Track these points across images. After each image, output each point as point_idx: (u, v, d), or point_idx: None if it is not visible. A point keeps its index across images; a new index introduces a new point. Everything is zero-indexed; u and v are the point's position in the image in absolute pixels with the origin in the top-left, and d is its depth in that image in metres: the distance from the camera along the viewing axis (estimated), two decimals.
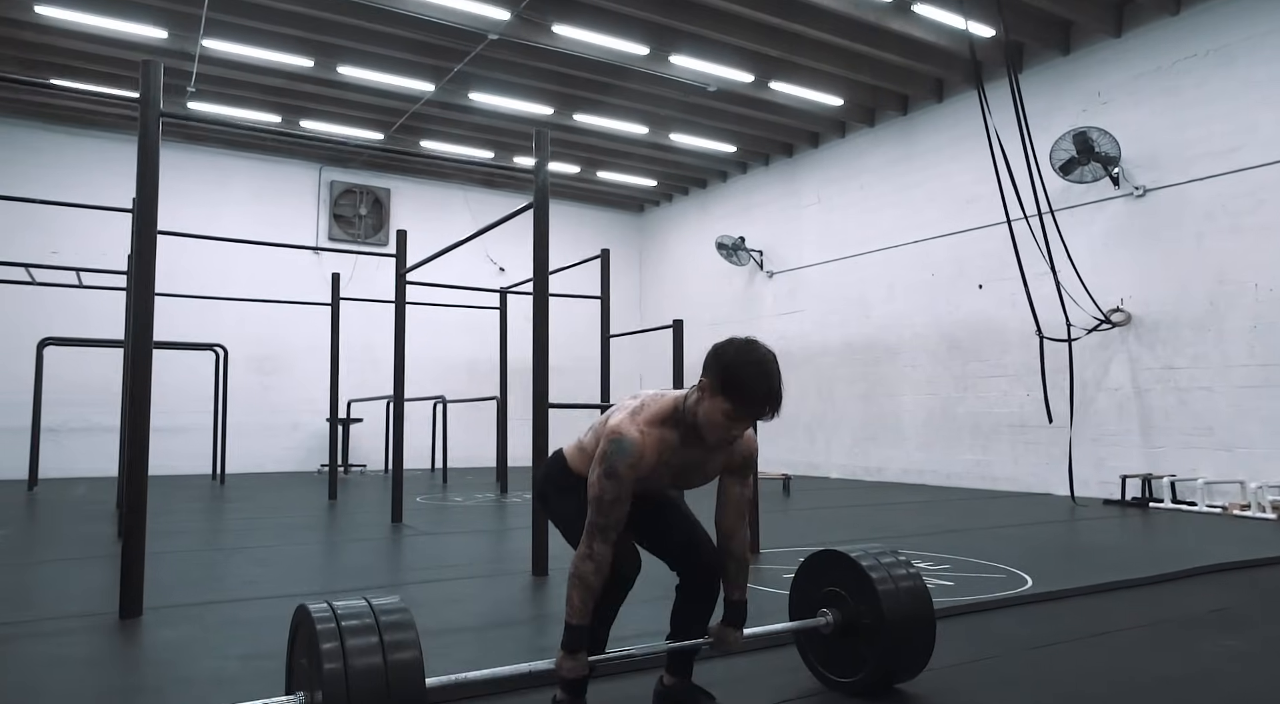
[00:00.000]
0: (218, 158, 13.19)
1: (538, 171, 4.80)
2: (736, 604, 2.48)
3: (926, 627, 2.64)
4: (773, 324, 13.71)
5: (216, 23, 8.97)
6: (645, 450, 2.23)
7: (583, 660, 2.25)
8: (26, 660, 3.03)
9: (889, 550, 2.80)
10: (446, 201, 14.87)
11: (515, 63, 10.10)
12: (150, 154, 3.78)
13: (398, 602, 2.05)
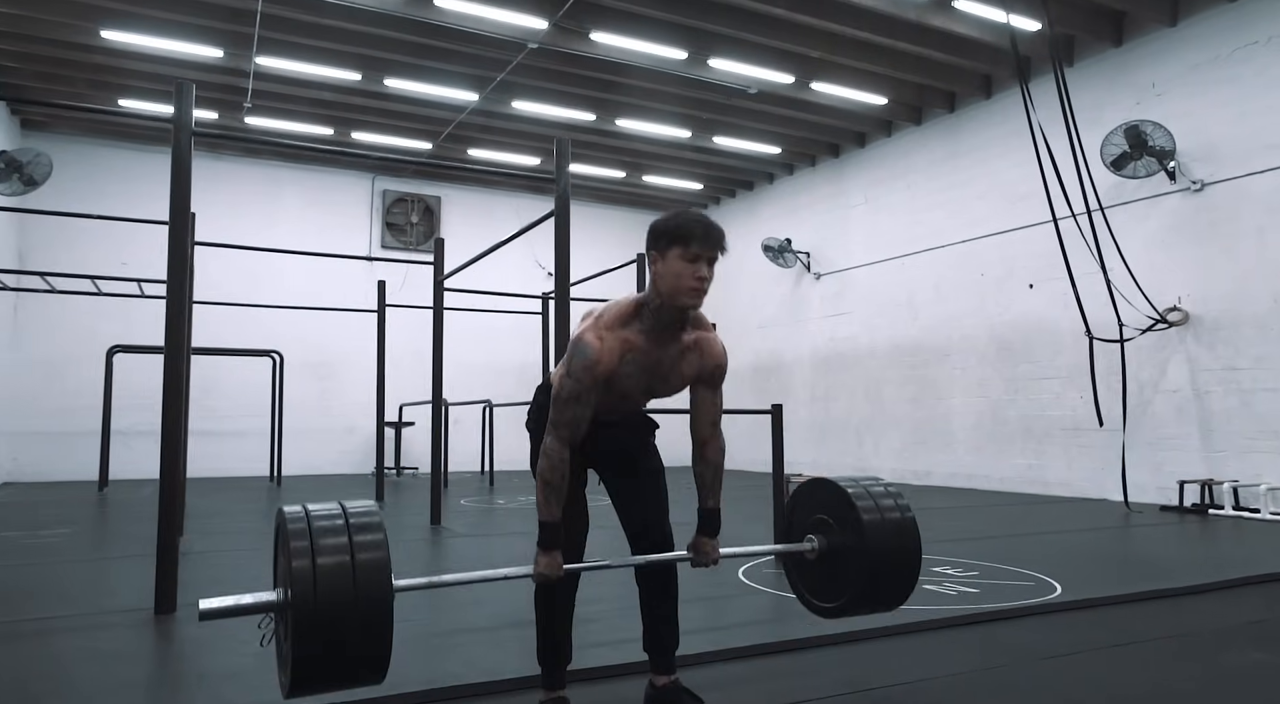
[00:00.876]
0: (275, 170, 13.65)
1: (559, 179, 4.87)
2: (711, 512, 2.54)
3: (909, 557, 2.66)
4: (820, 326, 13.58)
5: (269, 41, 9.29)
6: (603, 353, 2.31)
7: (556, 560, 2.33)
8: (60, 653, 3.21)
9: (879, 481, 2.82)
10: (494, 208, 15.11)
11: (555, 70, 10.24)
12: (182, 170, 3.96)
13: (370, 505, 2.14)
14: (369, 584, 1.96)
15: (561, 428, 2.30)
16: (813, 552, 2.72)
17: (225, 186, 13.11)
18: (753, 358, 15.05)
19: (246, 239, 11.36)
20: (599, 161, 13.79)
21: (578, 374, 2.29)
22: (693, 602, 4.08)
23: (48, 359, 11.87)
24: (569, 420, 2.30)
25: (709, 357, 2.46)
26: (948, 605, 3.94)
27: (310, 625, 1.90)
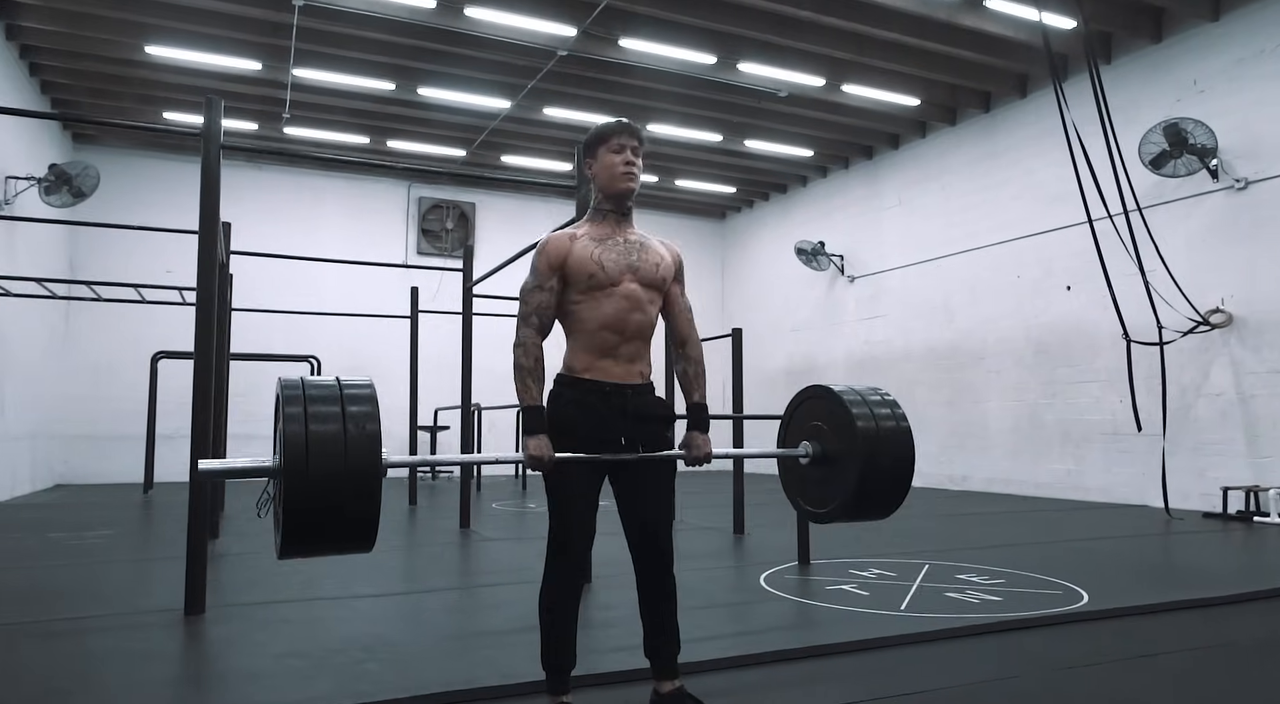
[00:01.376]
0: (314, 179, 13.91)
1: (579, 186, 4.90)
2: (698, 406, 2.62)
3: (901, 466, 2.64)
4: (854, 329, 13.47)
5: (305, 53, 9.49)
6: (550, 240, 2.53)
7: (543, 442, 2.38)
8: (90, 651, 3.32)
9: (876, 390, 2.79)
10: (529, 213, 15.23)
11: (586, 77, 10.30)
12: (212, 180, 4.07)
13: (365, 380, 2.18)
14: (360, 452, 2.01)
15: (530, 317, 2.47)
16: (807, 457, 2.73)
17: (266, 196, 13.42)
18: (786, 361, 14.97)
19: (288, 247, 11.59)
20: None
21: (534, 264, 2.51)
22: (714, 607, 4.11)
23: (96, 365, 12.23)
24: (535, 308, 2.47)
25: (669, 247, 2.66)
26: (969, 614, 3.89)
27: (301, 490, 1.96)
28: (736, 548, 6.23)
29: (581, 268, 2.47)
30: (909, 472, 2.65)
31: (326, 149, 12.58)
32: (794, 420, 2.88)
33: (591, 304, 2.49)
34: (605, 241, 2.53)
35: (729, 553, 6.04)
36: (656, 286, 2.57)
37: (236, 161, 13.42)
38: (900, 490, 2.68)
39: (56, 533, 6.81)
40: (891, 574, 4.91)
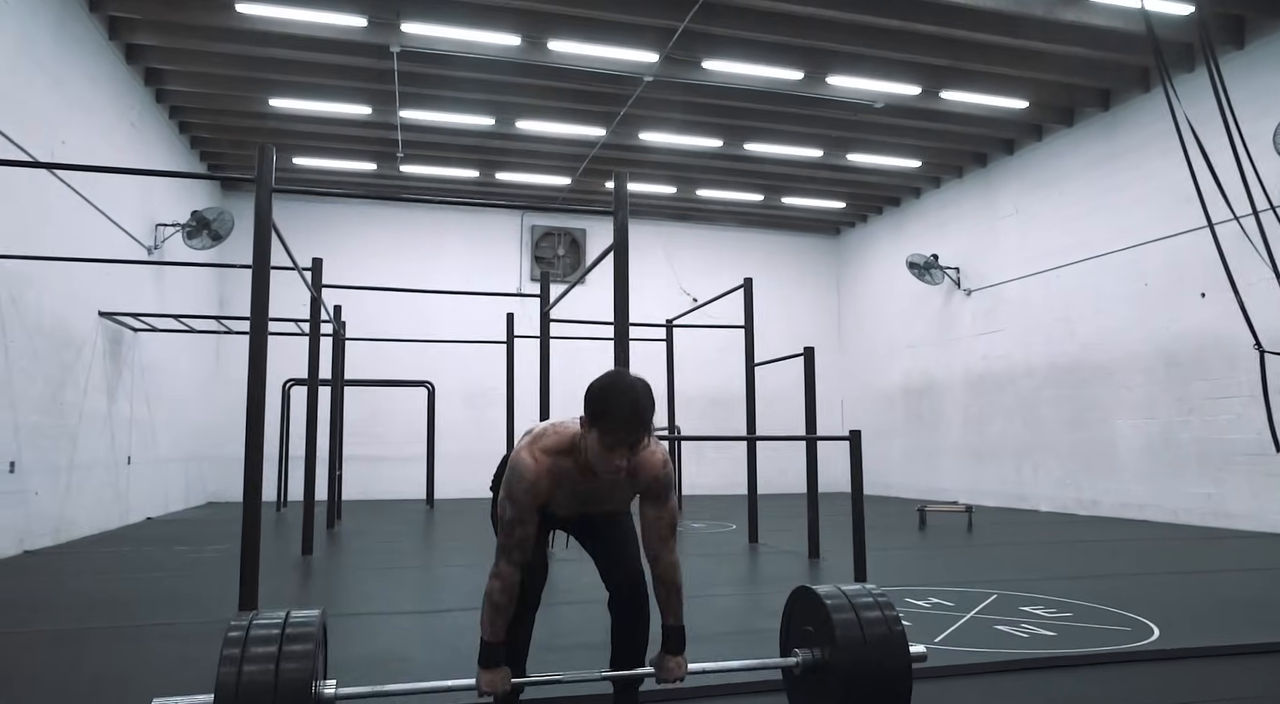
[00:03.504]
0: (433, 212, 14.67)
1: (616, 212, 4.96)
2: (670, 630, 2.47)
3: (891, 678, 2.43)
4: (972, 345, 12.82)
5: (408, 95, 10.09)
6: (540, 477, 2.33)
7: (501, 677, 2.33)
8: (144, 654, 3.63)
9: (867, 589, 2.64)
10: (638, 236, 15.37)
11: (676, 100, 10.40)
12: (264, 224, 4.41)
13: (311, 616, 2.24)
14: (290, 694, 2.04)
15: (513, 551, 2.32)
16: (798, 666, 2.55)
17: (390, 230, 14.28)
18: (902, 379, 14.42)
19: (412, 279, 12.31)
20: (734, 186, 13.80)
21: (517, 496, 2.32)
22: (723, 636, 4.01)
23: (241, 393, 13.33)
24: (517, 542, 2.33)
25: (646, 470, 2.40)
26: (1008, 649, 3.62)
27: None
28: (801, 572, 6.05)
29: (548, 504, 2.44)
30: (905, 684, 2.42)
31: (442, 184, 13.27)
32: (791, 622, 2.74)
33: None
34: (575, 495, 2.43)
35: (785, 577, 5.87)
36: (610, 511, 2.57)
37: (360, 200, 14.39)
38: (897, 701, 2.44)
39: (180, 547, 7.47)
40: (949, 604, 4.64)
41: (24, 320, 7.05)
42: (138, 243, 9.80)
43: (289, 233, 13.62)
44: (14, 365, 6.87)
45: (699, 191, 13.99)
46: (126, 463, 9.60)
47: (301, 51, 9.12)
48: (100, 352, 8.76)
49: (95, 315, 8.59)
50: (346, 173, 12.77)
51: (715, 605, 4.80)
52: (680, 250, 15.46)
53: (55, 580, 5.84)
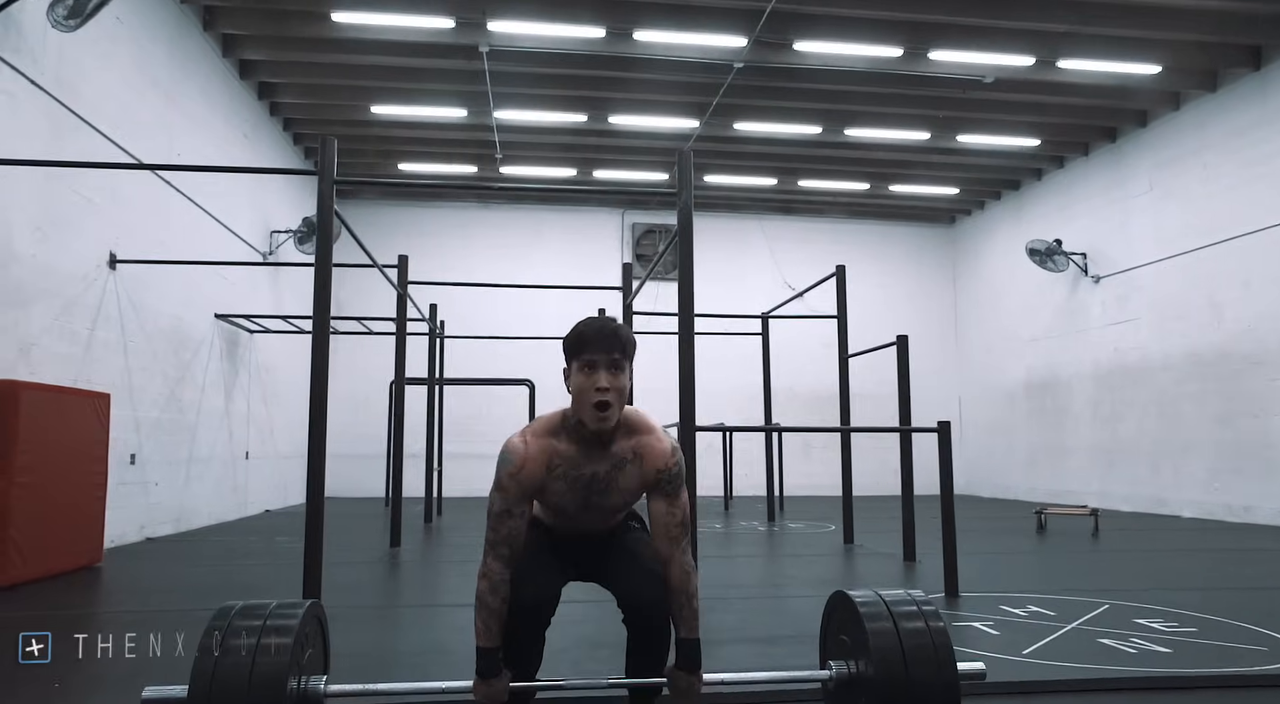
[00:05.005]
0: (535, 213, 14.82)
1: (680, 194, 4.76)
2: (683, 644, 2.22)
3: (932, 694, 2.13)
4: (1102, 336, 11.85)
5: (502, 95, 10.18)
6: (527, 459, 2.17)
7: (498, 687, 2.16)
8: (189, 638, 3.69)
9: (911, 596, 2.33)
10: (741, 231, 15.15)
11: (770, 87, 10.07)
12: (326, 215, 4.45)
13: (294, 606, 2.16)
14: (262, 690, 1.96)
15: (500, 546, 2.18)
16: (830, 680, 2.30)
17: (492, 231, 14.52)
18: (1025, 374, 13.51)
19: (514, 276, 12.47)
20: (837, 175, 13.30)
21: (504, 482, 2.18)
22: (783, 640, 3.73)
23: (352, 392, 13.84)
24: (505, 536, 2.18)
25: (651, 460, 2.21)
26: (1111, 665, 3.20)
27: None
28: (894, 576, 5.65)
29: (543, 502, 2.30)
30: (953, 696, 2.14)
31: (540, 183, 13.38)
32: (828, 631, 2.49)
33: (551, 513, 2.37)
34: (574, 480, 2.22)
35: (868, 580, 5.50)
36: (618, 509, 2.35)
37: (467, 202, 14.69)
38: None
39: (282, 538, 7.74)
40: (1049, 613, 4.19)
41: (143, 322, 7.48)
42: (253, 248, 10.29)
43: (392, 236, 14.09)
44: (134, 364, 7.29)
45: (800, 182, 13.55)
46: (244, 457, 10.09)
47: (397, 57, 9.34)
48: (217, 352, 9.24)
49: (211, 317, 9.05)
50: (449, 176, 13.05)
51: (788, 607, 4.52)
52: (784, 244, 15.03)
53: (156, 566, 6.13)
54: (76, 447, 5.66)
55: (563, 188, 13.53)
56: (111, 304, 6.92)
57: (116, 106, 6.99)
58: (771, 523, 9.37)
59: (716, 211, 15.21)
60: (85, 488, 5.75)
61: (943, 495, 4.72)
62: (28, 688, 2.89)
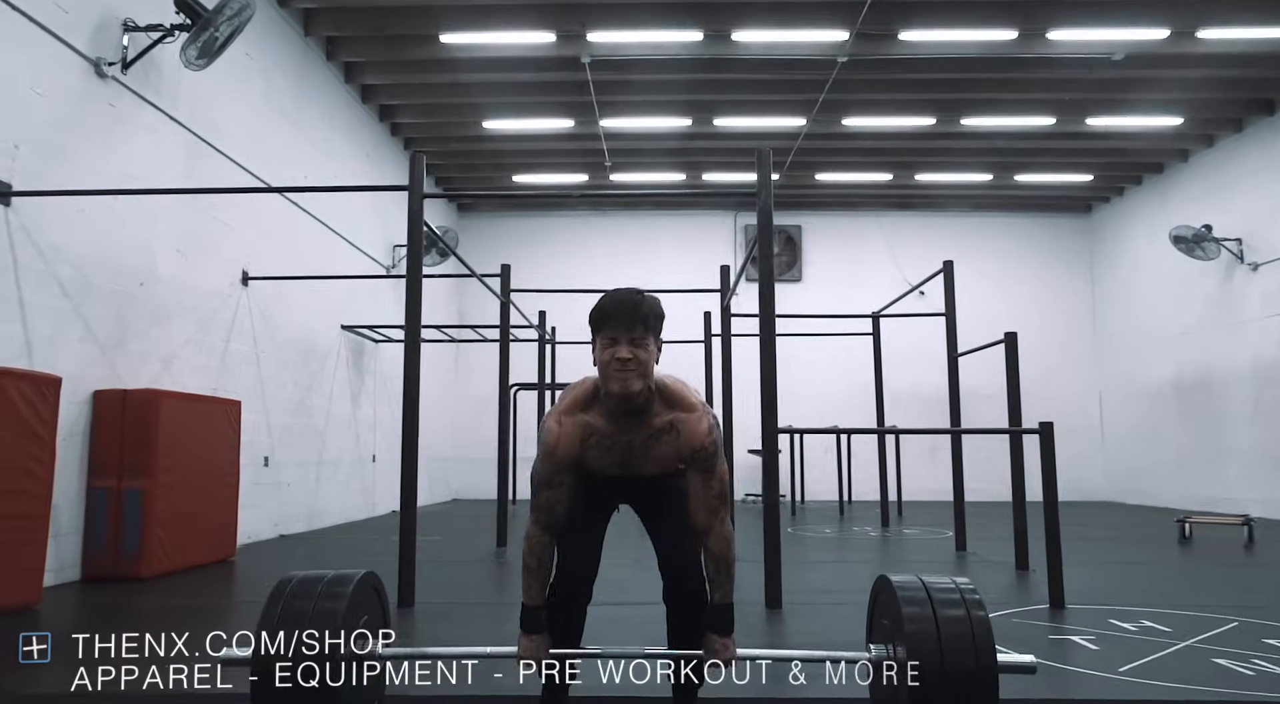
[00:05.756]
0: (646, 219, 14.94)
1: (759, 194, 4.70)
2: (717, 608, 2.31)
3: (969, 684, 2.07)
4: (1262, 328, 10.83)
5: (607, 104, 10.35)
6: (560, 439, 2.28)
7: (540, 643, 2.30)
8: None
9: (956, 583, 2.28)
10: (858, 229, 14.77)
11: (877, 79, 9.79)
12: (416, 228, 4.66)
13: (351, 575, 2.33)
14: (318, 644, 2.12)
15: (539, 512, 2.32)
16: (870, 663, 2.28)
17: (607, 237, 14.74)
18: (1173, 372, 12.51)
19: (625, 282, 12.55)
20: (957, 166, 12.76)
21: (542, 459, 2.31)
22: None
23: (477, 396, 14.34)
24: (544, 504, 2.31)
25: (688, 438, 2.27)
26: (1222, 687, 2.94)
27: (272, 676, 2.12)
28: (999, 584, 5.37)
29: (583, 464, 2.35)
30: (987, 693, 2.08)
31: (648, 189, 13.50)
32: (873, 615, 2.49)
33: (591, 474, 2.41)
34: (609, 449, 2.30)
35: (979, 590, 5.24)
36: (654, 473, 2.38)
37: (581, 210, 14.98)
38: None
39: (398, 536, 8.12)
40: (1164, 629, 3.88)
41: (273, 334, 8.06)
42: (376, 262, 10.88)
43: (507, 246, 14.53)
44: (265, 373, 7.86)
45: (918, 176, 13.08)
46: (371, 460, 10.66)
47: (503, 73, 9.66)
48: (344, 361, 9.82)
49: (338, 328, 9.63)
50: (561, 186, 13.36)
51: None
52: (903, 241, 14.53)
53: (283, 561, 6.56)
54: (211, 450, 6.16)
55: (669, 192, 13.60)
56: (244, 318, 7.49)
57: (247, 135, 7.57)
58: (885, 528, 9.07)
59: (830, 210, 14.90)
60: (219, 488, 6.25)
61: (1045, 501, 4.45)
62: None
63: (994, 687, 2.06)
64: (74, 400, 5.29)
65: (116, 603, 4.66)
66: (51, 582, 5.01)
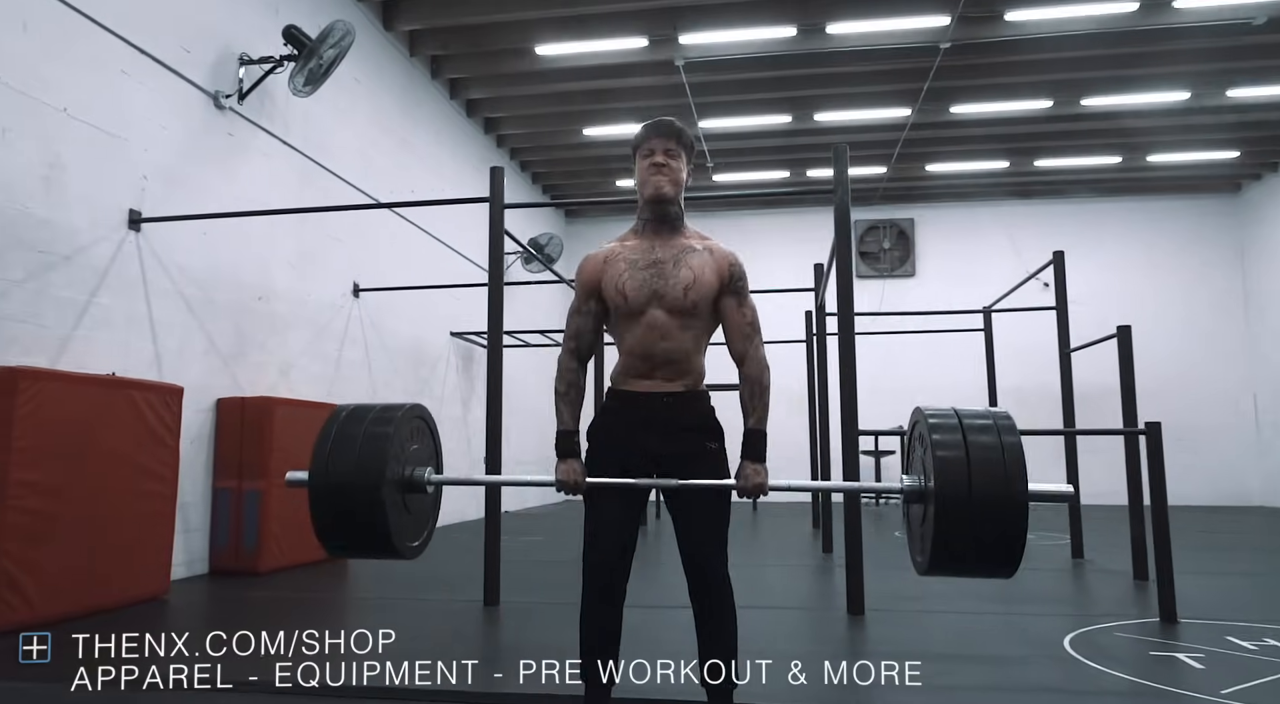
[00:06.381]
0: (752, 218, 14.79)
1: (835, 191, 4.59)
2: (750, 433, 2.39)
3: (999, 505, 2.05)
4: None
5: (704, 105, 10.33)
6: (588, 263, 2.50)
7: (574, 466, 2.40)
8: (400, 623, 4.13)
9: (990, 412, 2.21)
10: (975, 220, 14.16)
11: (984, 64, 9.36)
12: (497, 238, 4.82)
13: (400, 406, 2.50)
14: (366, 471, 2.33)
15: (568, 340, 2.50)
16: (903, 494, 2.31)
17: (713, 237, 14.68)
18: None
19: None
20: (1080, 150, 12.04)
21: (577, 280, 2.51)
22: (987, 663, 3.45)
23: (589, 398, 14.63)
24: (574, 332, 2.49)
25: (718, 257, 2.46)
26: None
27: (321, 498, 2.35)
28: (1111, 597, 5.03)
29: (608, 295, 2.45)
30: (1012, 520, 2.05)
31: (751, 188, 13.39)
32: (909, 447, 2.47)
33: (623, 329, 2.47)
34: (636, 263, 2.43)
35: (1087, 600, 4.94)
36: (686, 312, 2.41)
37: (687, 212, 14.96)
38: (1007, 539, 2.07)
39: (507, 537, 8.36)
40: None
41: (384, 341, 8.47)
42: (483, 270, 11.22)
43: None
44: (377, 379, 8.28)
45: (1037, 162, 12.41)
46: (483, 462, 11.01)
47: (599, 80, 9.80)
48: (453, 366, 10.21)
49: (447, 335, 10.02)
50: None
51: (967, 624, 4.18)
52: (1025, 231, 13.80)
53: None
54: None
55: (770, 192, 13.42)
56: (356, 327, 7.91)
57: (356, 155, 7.99)
58: None
59: (942, 202, 14.34)
60: None
61: (1153, 507, 4.14)
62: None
63: (1023, 514, 2.05)
64: (200, 408, 5.74)
65: (233, 596, 5.03)
66: (182, 574, 5.46)
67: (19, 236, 4.49)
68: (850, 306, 4.54)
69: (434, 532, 2.64)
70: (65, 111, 4.81)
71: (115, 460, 4.45)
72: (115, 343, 5.09)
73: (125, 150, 5.24)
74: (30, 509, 3.94)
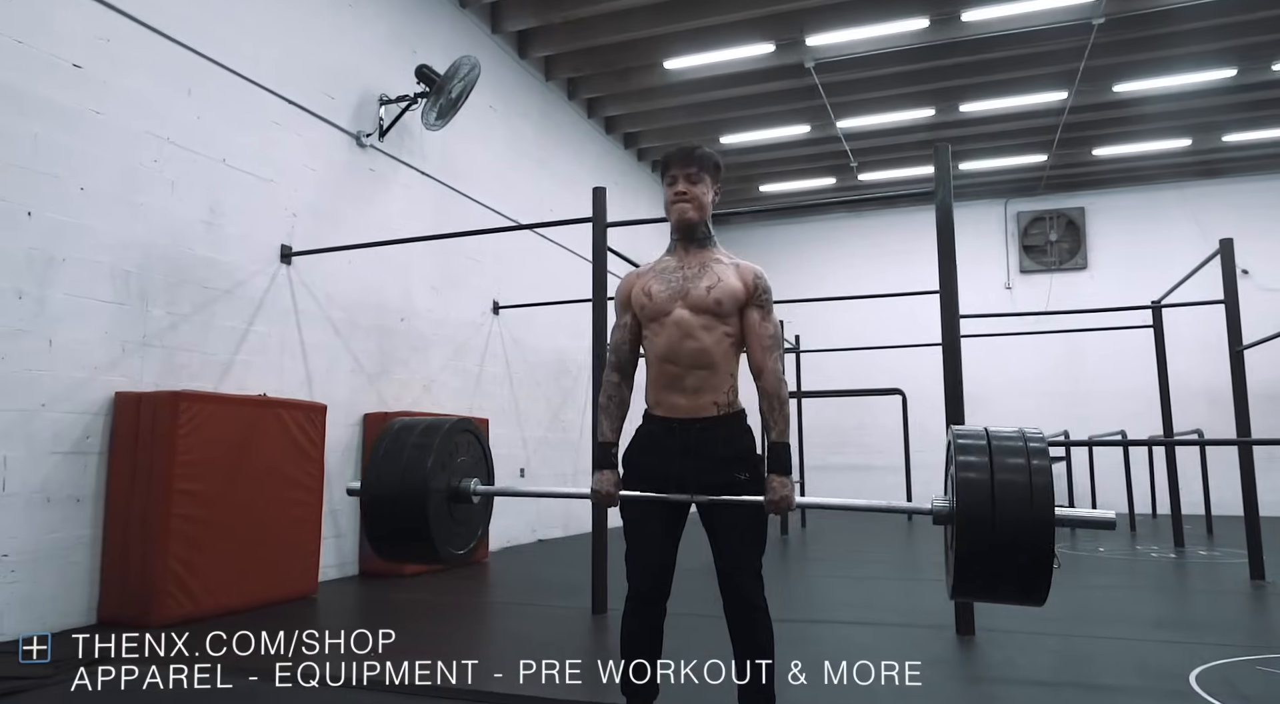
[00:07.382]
0: (904, 216, 14.22)
1: (936, 190, 4.40)
2: (774, 446, 2.41)
3: (1023, 529, 1.97)
4: None
5: (840, 105, 10.10)
6: (625, 279, 2.64)
7: (609, 477, 2.51)
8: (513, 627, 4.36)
9: (1023, 432, 2.13)
10: (1156, 204, 12.96)
11: (1146, 36, 8.58)
12: (600, 254, 4.96)
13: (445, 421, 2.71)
14: (410, 482, 2.53)
15: (609, 354, 2.66)
16: (934, 516, 2.26)
17: (864, 237, 14.29)
18: None
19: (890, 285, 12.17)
20: (1274, 121, 10.74)
21: (615, 304, 2.67)
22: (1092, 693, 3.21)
23: None
24: (614, 345, 2.65)
25: (744, 272, 2.53)
26: None
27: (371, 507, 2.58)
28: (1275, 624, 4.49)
29: (637, 301, 2.56)
30: (1040, 547, 1.97)
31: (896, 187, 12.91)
32: (945, 471, 2.41)
33: (651, 336, 2.53)
34: (665, 272, 2.54)
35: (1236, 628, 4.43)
36: (709, 311, 2.46)
37: (835, 213, 14.67)
38: (1032, 568, 2.00)
39: None
40: None
41: (524, 355, 8.88)
42: None
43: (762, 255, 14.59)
44: (518, 391, 8.69)
45: (1225, 137, 11.19)
46: None
47: (730, 88, 9.82)
48: (594, 379, 10.49)
49: (589, 348, 10.32)
50: (810, 191, 13.22)
51: (1083, 649, 3.87)
52: (1214, 214, 12.43)
53: (524, 563, 7.21)
54: None
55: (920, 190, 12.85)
56: (496, 343, 8.35)
57: (494, 178, 8.44)
58: (1180, 548, 7.89)
59: (1114, 188, 13.22)
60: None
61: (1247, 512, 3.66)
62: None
63: (1049, 540, 1.97)
64: (347, 422, 6.27)
65: (377, 597, 5.45)
66: (334, 576, 5.98)
67: (186, 275, 5.11)
68: (954, 312, 4.35)
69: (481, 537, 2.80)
70: (224, 161, 5.42)
71: (266, 472, 4.96)
72: (270, 366, 5.67)
73: (276, 192, 5.83)
74: (191, 516, 4.48)
